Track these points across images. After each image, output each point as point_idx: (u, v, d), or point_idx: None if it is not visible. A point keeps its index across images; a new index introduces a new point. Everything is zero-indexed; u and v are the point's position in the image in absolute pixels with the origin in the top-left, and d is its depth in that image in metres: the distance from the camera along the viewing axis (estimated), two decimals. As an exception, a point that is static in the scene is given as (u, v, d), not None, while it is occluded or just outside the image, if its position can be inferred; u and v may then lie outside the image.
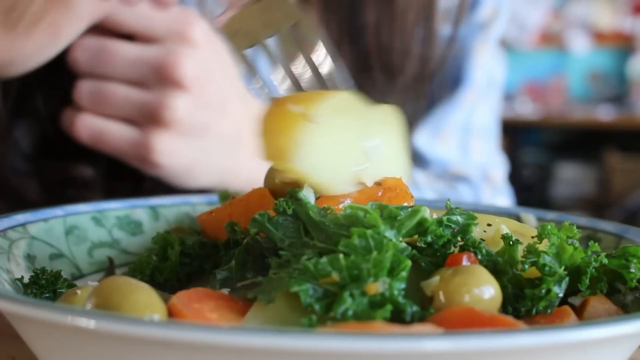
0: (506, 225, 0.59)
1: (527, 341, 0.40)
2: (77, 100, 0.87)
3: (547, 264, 0.52)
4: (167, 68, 0.84)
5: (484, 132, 1.23)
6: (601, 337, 0.42)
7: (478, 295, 0.49)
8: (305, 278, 0.47)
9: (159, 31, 0.86)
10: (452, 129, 1.19)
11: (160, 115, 0.84)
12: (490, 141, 1.25)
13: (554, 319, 0.52)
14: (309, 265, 0.47)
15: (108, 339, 0.42)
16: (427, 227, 0.52)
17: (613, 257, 0.57)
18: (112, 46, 0.86)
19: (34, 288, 0.59)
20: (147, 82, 0.85)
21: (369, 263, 0.47)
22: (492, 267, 0.53)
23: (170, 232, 0.67)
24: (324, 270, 0.47)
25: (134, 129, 0.86)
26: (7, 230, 0.63)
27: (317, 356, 0.39)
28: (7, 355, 0.60)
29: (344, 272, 0.47)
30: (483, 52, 1.20)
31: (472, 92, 1.19)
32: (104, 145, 0.87)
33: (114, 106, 0.86)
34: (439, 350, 0.39)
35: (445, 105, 1.18)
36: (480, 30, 1.18)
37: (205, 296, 0.50)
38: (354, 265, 0.47)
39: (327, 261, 0.47)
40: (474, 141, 1.21)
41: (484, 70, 1.20)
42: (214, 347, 0.39)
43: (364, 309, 0.45)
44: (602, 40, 5.57)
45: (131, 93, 0.86)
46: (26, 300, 0.44)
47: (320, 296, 0.47)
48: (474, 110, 1.20)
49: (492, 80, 1.23)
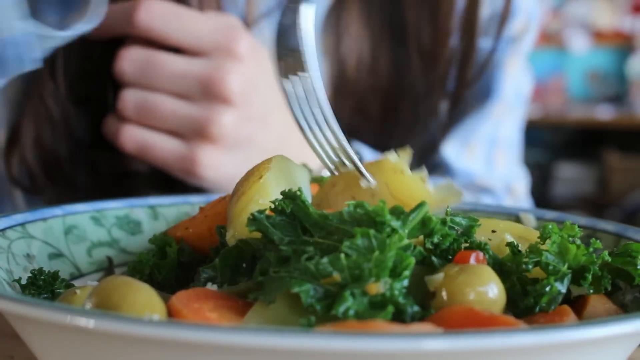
0: (510, 230, 0.59)
1: (526, 341, 0.40)
2: (121, 110, 0.88)
3: (550, 263, 0.52)
4: (214, 83, 0.85)
5: (508, 144, 1.23)
6: (600, 337, 0.42)
7: (481, 295, 0.49)
8: (305, 278, 0.47)
9: (206, 45, 0.86)
10: (480, 141, 1.19)
11: (207, 130, 0.85)
12: (514, 153, 1.26)
13: (553, 318, 0.52)
14: (310, 266, 0.47)
15: (107, 339, 0.42)
16: (433, 227, 0.52)
17: (616, 254, 0.57)
18: (159, 58, 0.86)
19: (32, 289, 0.59)
20: (193, 95, 0.86)
21: (371, 263, 0.46)
22: (499, 268, 0.53)
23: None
24: (325, 271, 0.46)
25: (179, 142, 0.88)
26: (7, 230, 0.63)
27: (317, 356, 0.39)
28: (6, 354, 0.60)
29: (345, 272, 0.46)
30: (513, 66, 1.20)
31: (501, 105, 1.19)
32: (149, 157, 0.88)
33: (160, 118, 0.87)
34: (438, 349, 0.39)
35: (475, 118, 1.18)
36: (511, 43, 1.18)
37: (205, 296, 0.50)
38: (356, 265, 0.46)
39: (328, 261, 0.47)
40: (498, 153, 1.22)
41: (513, 84, 1.20)
42: (213, 347, 0.39)
43: (364, 309, 0.45)
44: (601, 39, 5.57)
45: (177, 106, 0.87)
46: (25, 300, 0.44)
47: (321, 296, 0.46)
48: (501, 123, 1.20)
49: (519, 94, 1.23)
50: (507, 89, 1.19)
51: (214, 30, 0.86)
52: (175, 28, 0.86)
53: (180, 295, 0.49)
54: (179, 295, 0.49)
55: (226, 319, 0.48)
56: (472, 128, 1.18)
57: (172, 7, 0.87)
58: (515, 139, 1.26)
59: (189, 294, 0.50)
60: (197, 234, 0.64)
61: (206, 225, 0.63)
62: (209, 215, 0.64)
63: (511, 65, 1.19)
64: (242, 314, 0.49)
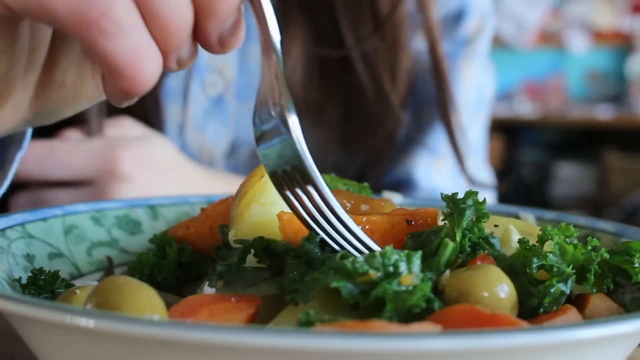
0: (513, 225, 0.59)
1: (526, 341, 0.40)
2: None
3: (555, 265, 0.53)
4: None
5: (475, 149, 1.20)
6: (601, 337, 0.42)
7: (488, 292, 0.49)
8: (341, 277, 0.48)
9: (87, 174, 0.88)
10: (446, 154, 1.14)
11: None
12: (480, 157, 1.22)
13: (557, 318, 0.52)
14: (347, 264, 0.48)
15: (107, 339, 0.42)
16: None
17: (615, 253, 0.57)
18: (47, 197, 0.88)
19: (32, 289, 0.59)
20: None
21: (405, 260, 0.48)
22: (508, 268, 0.53)
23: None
24: (361, 269, 0.48)
25: None
26: (6, 230, 0.63)
27: (317, 356, 0.39)
28: (7, 354, 0.60)
29: (380, 269, 0.48)
30: (470, 69, 1.15)
31: (465, 113, 1.14)
32: None
33: None
34: (437, 349, 0.39)
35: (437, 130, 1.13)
36: (465, 46, 1.14)
37: (209, 299, 0.51)
38: (391, 263, 0.48)
39: (364, 259, 0.48)
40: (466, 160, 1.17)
41: (473, 88, 1.16)
42: (214, 347, 0.39)
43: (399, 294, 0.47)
44: (601, 39, 5.57)
45: None
46: (26, 299, 0.44)
47: (357, 294, 0.48)
48: (466, 130, 1.14)
49: (481, 98, 1.19)
50: (468, 94, 1.15)
51: (91, 158, 0.88)
52: (52, 167, 0.88)
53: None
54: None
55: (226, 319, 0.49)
56: (436, 143, 1.13)
57: (44, 146, 0.88)
58: (481, 143, 1.22)
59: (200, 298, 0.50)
60: (199, 234, 0.64)
61: (208, 224, 0.63)
62: (211, 215, 0.64)
63: (468, 70, 1.15)
64: (242, 314, 0.49)
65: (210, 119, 1.03)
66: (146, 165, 0.89)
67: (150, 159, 0.90)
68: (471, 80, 1.16)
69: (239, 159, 1.08)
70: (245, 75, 1.05)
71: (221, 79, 1.03)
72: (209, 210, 0.65)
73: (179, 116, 1.01)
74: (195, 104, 1.02)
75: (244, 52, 1.05)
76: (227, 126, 1.05)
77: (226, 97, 1.04)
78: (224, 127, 1.05)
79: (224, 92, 1.04)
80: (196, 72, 1.02)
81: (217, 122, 1.04)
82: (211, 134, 1.04)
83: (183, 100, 1.01)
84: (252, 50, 1.05)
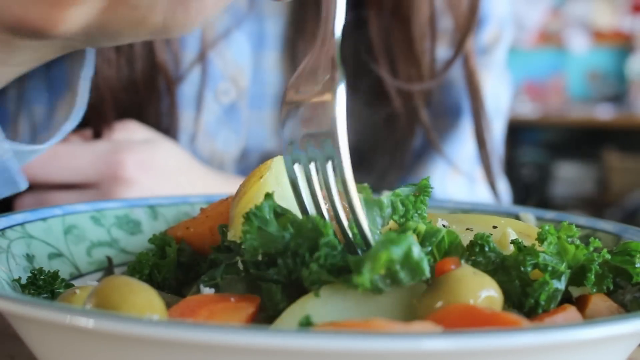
0: (511, 226, 0.59)
1: (526, 340, 0.40)
2: None
3: (549, 264, 0.52)
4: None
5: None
6: (601, 337, 0.42)
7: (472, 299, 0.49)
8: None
9: (91, 177, 0.88)
10: (462, 164, 1.14)
11: None
12: (496, 167, 1.20)
13: (557, 317, 0.52)
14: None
15: (107, 339, 0.42)
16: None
17: (615, 253, 0.57)
18: (50, 199, 0.88)
19: (31, 289, 0.59)
20: None
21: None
22: (500, 264, 0.53)
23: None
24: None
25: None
26: (6, 230, 0.63)
27: (317, 356, 0.39)
28: (6, 354, 0.60)
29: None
30: (486, 79, 1.14)
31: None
32: None
33: None
34: (437, 349, 0.39)
35: (453, 140, 1.13)
36: (482, 55, 1.13)
37: (209, 299, 0.51)
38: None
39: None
40: (480, 171, 1.16)
41: (489, 98, 1.14)
42: (214, 347, 0.39)
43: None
44: (601, 39, 5.57)
45: None
46: (25, 299, 0.44)
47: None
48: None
49: (498, 107, 1.18)
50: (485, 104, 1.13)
51: (95, 162, 0.88)
52: (56, 169, 0.87)
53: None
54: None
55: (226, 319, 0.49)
56: (452, 153, 1.13)
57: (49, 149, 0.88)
58: (497, 153, 1.20)
59: (199, 298, 0.50)
60: (198, 234, 0.64)
61: (207, 225, 0.63)
62: (211, 215, 0.64)
63: (484, 79, 1.13)
64: (242, 314, 0.49)
65: (222, 127, 1.03)
66: (150, 169, 0.89)
67: (154, 163, 0.90)
68: (487, 90, 1.14)
69: (249, 162, 1.08)
70: (259, 84, 1.05)
71: (234, 88, 1.03)
72: (208, 211, 0.65)
73: (191, 124, 1.01)
74: (208, 112, 1.02)
75: (258, 61, 1.05)
76: (239, 134, 1.05)
77: (239, 105, 1.04)
78: (235, 134, 1.04)
79: (237, 100, 1.03)
80: (210, 80, 1.01)
81: (229, 130, 1.04)
82: (222, 142, 1.04)
83: (196, 108, 1.00)
84: (266, 59, 1.05)
